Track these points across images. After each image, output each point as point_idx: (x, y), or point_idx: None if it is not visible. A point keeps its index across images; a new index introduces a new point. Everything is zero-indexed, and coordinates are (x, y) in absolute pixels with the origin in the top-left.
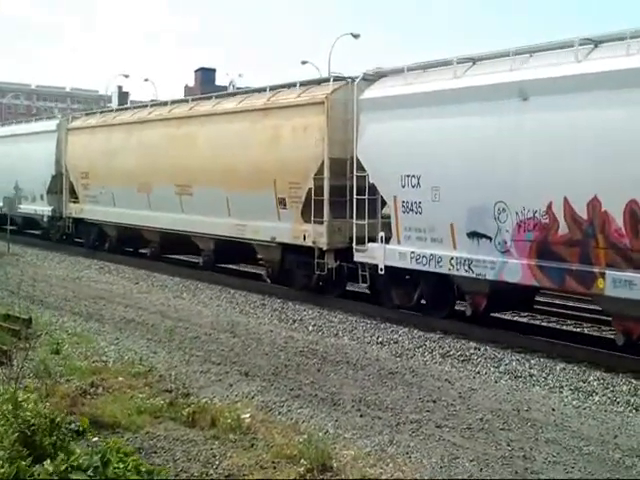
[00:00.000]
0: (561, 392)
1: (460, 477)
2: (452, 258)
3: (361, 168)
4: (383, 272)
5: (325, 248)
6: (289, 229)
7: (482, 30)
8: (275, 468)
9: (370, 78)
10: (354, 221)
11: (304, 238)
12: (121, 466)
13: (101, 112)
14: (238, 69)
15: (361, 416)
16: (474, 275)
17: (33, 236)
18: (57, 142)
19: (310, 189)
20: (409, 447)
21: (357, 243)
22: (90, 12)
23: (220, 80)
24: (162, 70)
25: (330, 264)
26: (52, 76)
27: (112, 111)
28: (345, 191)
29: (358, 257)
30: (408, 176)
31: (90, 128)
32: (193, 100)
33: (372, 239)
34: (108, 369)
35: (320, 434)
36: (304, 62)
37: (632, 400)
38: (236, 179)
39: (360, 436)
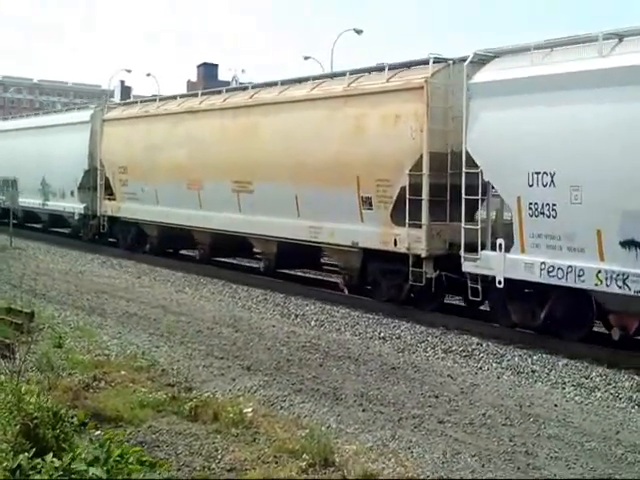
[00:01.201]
0: (563, 388)
1: (462, 473)
2: (599, 271)
3: (472, 163)
4: (502, 285)
5: (424, 255)
6: (375, 233)
7: (481, 26)
8: (277, 463)
9: (481, 59)
10: (462, 225)
11: (395, 243)
12: (123, 459)
13: (142, 101)
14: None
15: (363, 411)
16: (631, 292)
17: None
18: (91, 134)
19: (403, 187)
20: (411, 442)
21: (466, 250)
22: (92, 8)
23: (222, 75)
24: (164, 65)
25: (429, 273)
26: (54, 71)
27: (155, 100)
28: (444, 190)
29: (468, 267)
30: (538, 173)
31: (130, 119)
32: (253, 88)
33: (476, 245)
34: (110, 363)
35: (322, 429)
36: (306, 57)
37: (634, 396)
38: (308, 175)
39: (362, 431)
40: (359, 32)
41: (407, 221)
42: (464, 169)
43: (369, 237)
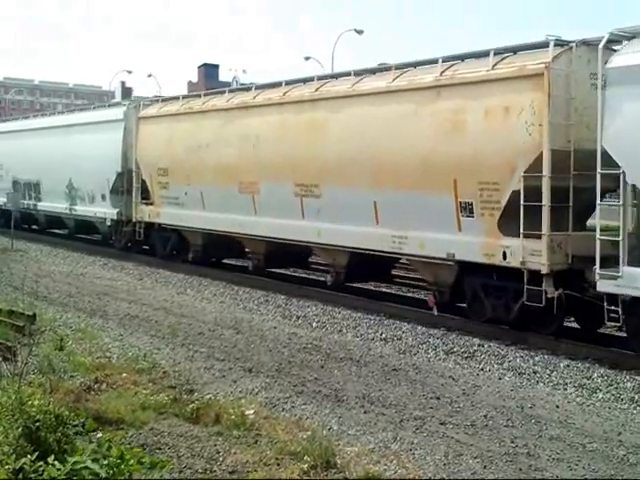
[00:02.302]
0: (565, 389)
1: (464, 475)
2: None
3: (609, 163)
4: None
5: (544, 271)
6: (477, 244)
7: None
8: (279, 465)
9: (614, 41)
10: (597, 235)
11: (504, 256)
12: (122, 460)
13: (184, 97)
14: (240, 65)
15: (365, 413)
16: None
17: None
18: (124, 133)
19: (516, 192)
20: (413, 444)
21: (602, 266)
22: (92, 9)
23: (223, 76)
24: (165, 66)
25: (549, 292)
26: (55, 72)
27: (200, 96)
28: (566, 194)
29: (605, 286)
30: None
31: (170, 116)
32: (319, 79)
33: (611, 260)
34: (112, 365)
35: (324, 431)
36: (307, 58)
37: (636, 397)
38: (391, 178)
39: (364, 433)
40: (360, 32)
41: (521, 231)
42: (599, 169)
43: (468, 248)
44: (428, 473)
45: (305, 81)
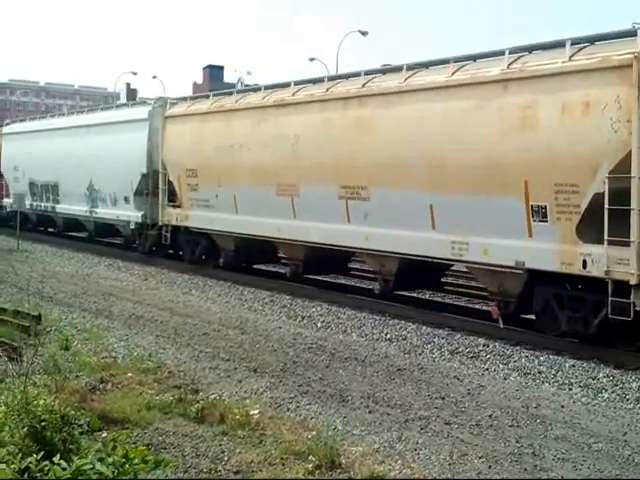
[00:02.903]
0: (570, 389)
1: (469, 475)
2: None
3: None
4: None
5: (634, 282)
6: (552, 251)
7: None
8: (284, 465)
9: None
10: None
11: (584, 265)
12: (127, 459)
13: (215, 95)
14: (245, 66)
15: (370, 412)
16: None
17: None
18: (149, 133)
19: (599, 194)
20: (418, 444)
21: None
22: (97, 11)
23: (228, 77)
24: (169, 67)
25: (638, 305)
26: (60, 74)
27: (232, 93)
28: None
29: None
30: None
31: (200, 115)
32: (366, 74)
33: None
34: (117, 365)
35: (329, 430)
36: (312, 59)
37: None
38: (450, 180)
39: (369, 432)
40: (364, 34)
41: (605, 237)
42: None
43: (541, 256)
44: (433, 473)
45: (348, 77)
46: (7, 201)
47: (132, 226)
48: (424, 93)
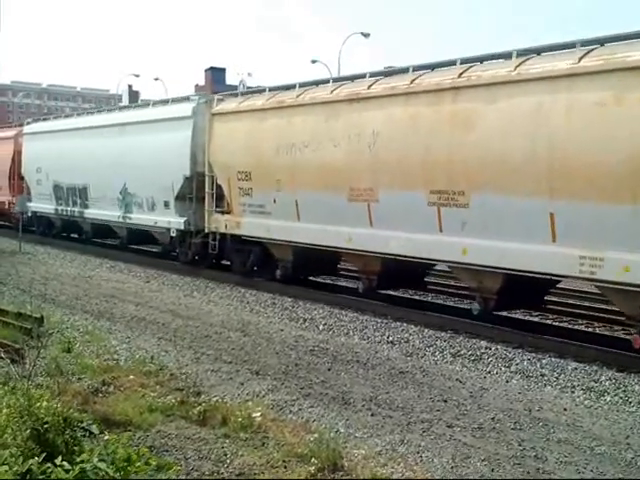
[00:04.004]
0: (573, 392)
1: (471, 477)
2: None
3: None
4: None
5: None
6: None
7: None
8: (286, 467)
9: None
10: None
11: None
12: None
13: (271, 90)
14: (246, 68)
15: (372, 415)
16: None
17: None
18: (193, 132)
19: None
20: (420, 447)
21: None
22: (99, 13)
23: (230, 79)
24: (171, 69)
25: None
26: (63, 76)
27: (293, 87)
28: None
29: None
30: None
31: (254, 112)
32: (462, 63)
33: None
34: (119, 367)
35: (331, 433)
36: (314, 61)
37: None
38: (578, 184)
39: (371, 435)
40: (366, 35)
41: None
42: None
43: None
44: (435, 476)
45: (433, 67)
46: (29, 205)
47: (173, 233)
48: (542, 83)
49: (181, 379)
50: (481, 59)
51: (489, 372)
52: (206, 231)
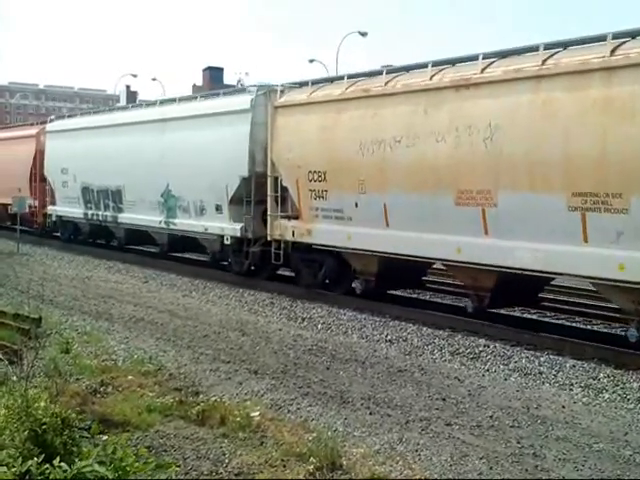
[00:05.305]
0: (571, 389)
1: (470, 475)
2: None
3: None
4: None
5: None
6: None
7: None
8: (285, 466)
9: None
10: None
11: None
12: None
13: (350, 76)
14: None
15: (370, 414)
16: None
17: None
18: (251, 127)
19: None
20: (418, 445)
21: None
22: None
23: (228, 79)
24: (169, 69)
25: None
26: (60, 77)
27: (382, 73)
28: None
29: None
30: None
31: (330, 103)
32: (614, 38)
33: None
34: (118, 368)
35: (329, 432)
36: (311, 60)
37: None
38: None
39: (369, 434)
40: (364, 34)
41: None
42: None
43: None
44: (434, 474)
45: (566, 45)
46: (52, 209)
47: (227, 241)
48: None
49: (180, 379)
50: (633, 33)
51: (487, 370)
52: (268, 239)
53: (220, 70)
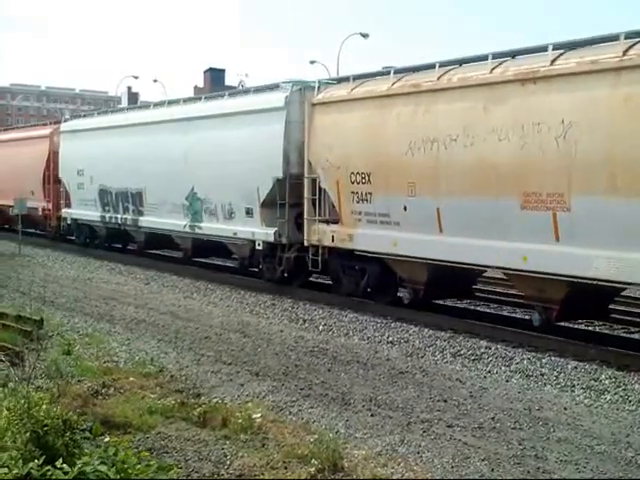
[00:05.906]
0: (573, 391)
1: (471, 477)
2: None
3: None
4: None
5: None
6: None
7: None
8: (286, 468)
9: None
10: None
11: None
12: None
13: (397, 71)
14: (244, 69)
15: (372, 416)
16: None
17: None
18: (286, 126)
19: None
20: (420, 447)
21: None
22: (98, 14)
23: (229, 81)
24: (170, 71)
25: None
26: (61, 78)
27: (430, 68)
28: None
29: None
30: None
31: (374, 99)
32: None
33: None
34: (119, 369)
35: (331, 434)
36: (312, 62)
37: None
38: None
39: (371, 436)
40: (365, 36)
41: None
42: None
43: None
44: (436, 476)
45: None
46: (67, 212)
47: (258, 246)
48: None
49: (181, 381)
50: None
51: (489, 371)
52: (305, 244)
53: (221, 71)
